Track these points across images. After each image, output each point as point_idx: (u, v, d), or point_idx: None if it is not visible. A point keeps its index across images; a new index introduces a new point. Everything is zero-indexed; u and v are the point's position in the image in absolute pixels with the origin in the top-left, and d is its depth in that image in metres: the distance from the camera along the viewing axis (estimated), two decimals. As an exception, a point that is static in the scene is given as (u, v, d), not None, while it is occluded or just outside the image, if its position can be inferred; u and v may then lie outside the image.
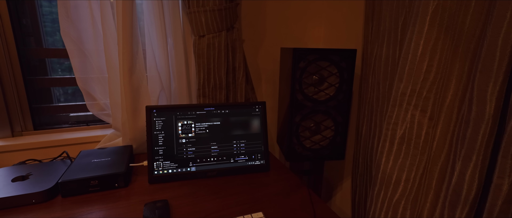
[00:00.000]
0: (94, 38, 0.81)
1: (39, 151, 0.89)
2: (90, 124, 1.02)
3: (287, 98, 0.90)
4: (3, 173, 0.70)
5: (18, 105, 0.90)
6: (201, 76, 0.89)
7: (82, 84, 0.83)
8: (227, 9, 0.85)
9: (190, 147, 0.75)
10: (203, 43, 0.86)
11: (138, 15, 0.84)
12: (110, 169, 0.70)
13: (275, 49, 1.13)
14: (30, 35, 0.93)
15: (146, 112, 0.73)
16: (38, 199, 0.62)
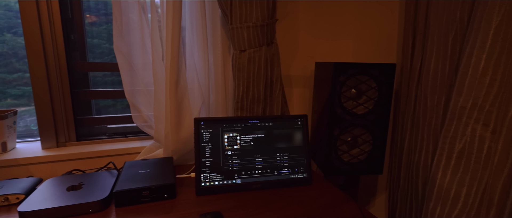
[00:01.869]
0: (142, 54, 0.85)
1: (82, 161, 0.91)
2: (128, 135, 1.04)
3: (324, 112, 0.91)
4: (56, 183, 0.72)
5: (64, 116, 0.93)
6: (240, 89, 0.91)
7: (129, 96, 0.86)
8: (269, 25, 0.88)
9: (236, 159, 0.76)
10: (244, 58, 0.89)
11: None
12: (159, 180, 0.71)
13: (305, 63, 1.14)
14: (76, 50, 0.97)
15: (194, 124, 0.75)
16: (94, 208, 0.63)
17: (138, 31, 0.84)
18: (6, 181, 0.73)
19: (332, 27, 1.14)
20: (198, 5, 0.87)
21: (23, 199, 0.68)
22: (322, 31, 1.13)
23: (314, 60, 1.15)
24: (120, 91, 1.01)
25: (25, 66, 0.98)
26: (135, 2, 0.81)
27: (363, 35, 1.16)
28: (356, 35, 1.18)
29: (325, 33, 1.14)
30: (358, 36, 1.18)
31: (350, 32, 1.17)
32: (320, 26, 1.13)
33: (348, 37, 1.18)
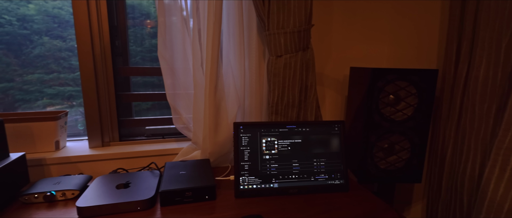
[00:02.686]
0: (183, 60, 0.89)
1: (125, 160, 0.96)
2: (165, 137, 1.09)
3: (360, 117, 0.90)
4: (106, 181, 0.77)
5: (109, 117, 0.99)
6: (276, 94, 0.92)
7: (171, 99, 0.90)
8: (305, 31, 0.88)
9: (273, 164, 0.77)
10: (280, 63, 0.90)
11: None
12: (200, 181, 0.73)
13: (338, 67, 1.13)
14: (119, 55, 1.03)
15: (233, 128, 0.77)
16: (142, 207, 0.67)
17: (180, 38, 0.87)
18: (62, 177, 0.79)
19: (367, 30, 1.13)
20: (236, 12, 0.89)
21: (78, 194, 0.73)
22: (356, 35, 1.12)
23: (347, 64, 1.14)
24: (159, 94, 1.06)
25: (60, 67, 1.05)
26: (178, 12, 0.85)
27: (400, 39, 1.13)
28: (391, 39, 1.15)
29: (359, 37, 1.12)
30: (394, 40, 1.15)
31: (385, 36, 1.15)
32: (354, 29, 1.11)
33: (383, 41, 1.15)
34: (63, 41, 1.03)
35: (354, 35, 1.12)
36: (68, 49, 1.04)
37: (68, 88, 1.07)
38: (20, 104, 1.04)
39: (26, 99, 1.04)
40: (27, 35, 1.00)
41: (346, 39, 1.11)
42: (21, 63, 1.01)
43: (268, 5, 0.85)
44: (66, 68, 1.05)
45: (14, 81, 1.01)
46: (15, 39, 0.99)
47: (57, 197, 0.72)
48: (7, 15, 0.97)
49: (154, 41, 1.06)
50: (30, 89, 1.03)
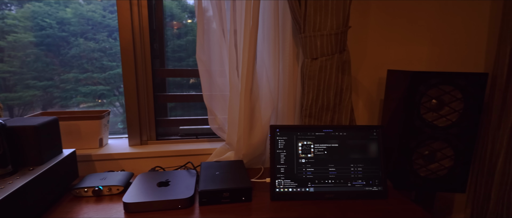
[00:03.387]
0: (219, 62, 0.91)
1: (162, 159, 1.00)
2: (199, 137, 1.12)
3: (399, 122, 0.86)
4: (147, 178, 0.80)
5: (147, 117, 1.04)
6: (310, 97, 0.92)
7: (207, 100, 0.93)
8: (342, 33, 0.87)
9: (309, 168, 0.76)
10: (315, 65, 0.89)
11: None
12: (237, 183, 0.75)
13: (373, 70, 1.10)
14: (157, 58, 1.08)
15: (270, 131, 0.77)
16: (183, 205, 0.69)
17: (217, 42, 0.89)
18: (106, 173, 0.84)
19: (405, 32, 1.08)
20: (271, 14, 0.90)
21: (123, 190, 0.78)
22: (394, 36, 1.08)
23: (382, 66, 1.10)
24: (194, 95, 1.09)
25: (92, 67, 1.11)
26: (216, 15, 0.87)
27: (441, 40, 1.07)
28: (432, 40, 1.10)
29: (397, 38, 1.08)
30: (435, 41, 1.09)
31: (425, 37, 1.10)
32: (392, 30, 1.07)
33: (422, 43, 1.10)
34: (96, 43, 1.10)
35: (391, 37, 1.08)
36: (100, 50, 1.11)
37: (100, 87, 1.14)
38: (57, 102, 1.12)
39: (63, 96, 1.12)
40: (65, 37, 1.07)
41: (382, 40, 1.08)
42: (59, 63, 1.08)
43: (304, 7, 0.85)
44: (98, 68, 1.12)
45: (53, 79, 1.09)
46: (55, 41, 1.06)
47: (104, 192, 0.76)
48: (48, 19, 1.05)
49: (177, 41, 1.10)
50: (66, 87, 1.11)
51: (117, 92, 1.17)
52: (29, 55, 1.05)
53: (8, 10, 1.01)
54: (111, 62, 1.12)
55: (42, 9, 1.03)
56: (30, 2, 1.02)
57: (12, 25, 1.01)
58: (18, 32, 1.02)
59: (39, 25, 1.04)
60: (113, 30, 1.10)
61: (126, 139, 1.11)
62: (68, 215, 0.67)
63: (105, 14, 1.09)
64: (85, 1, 1.06)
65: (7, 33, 1.01)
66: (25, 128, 0.68)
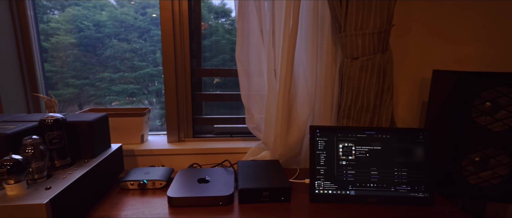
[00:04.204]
0: (257, 62, 0.91)
1: (198, 156, 1.03)
2: (233, 135, 1.13)
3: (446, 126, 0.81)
4: (187, 174, 0.83)
5: (185, 115, 1.07)
6: (349, 97, 0.89)
7: (245, 100, 0.94)
8: (386, 32, 0.83)
9: (350, 170, 0.74)
10: (356, 65, 0.86)
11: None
12: (276, 182, 0.75)
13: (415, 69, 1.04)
14: (194, 57, 1.11)
15: (309, 131, 0.76)
16: (223, 202, 0.71)
17: (255, 42, 0.90)
18: (149, 168, 0.88)
19: (451, 29, 1.02)
20: (310, 14, 0.88)
21: (165, 185, 0.81)
22: (439, 34, 1.02)
23: (426, 66, 1.04)
24: (230, 94, 1.11)
25: (124, 66, 1.16)
26: (255, 16, 0.87)
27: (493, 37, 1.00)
28: (481, 38, 1.02)
29: (442, 36, 1.02)
30: (486, 39, 1.02)
31: (474, 35, 1.02)
32: (437, 28, 1.01)
33: (470, 41, 1.03)
34: (128, 43, 1.15)
35: (436, 34, 1.02)
36: (131, 51, 1.16)
37: (131, 86, 1.19)
38: (92, 99, 1.19)
39: (97, 94, 1.18)
40: (101, 38, 1.14)
41: (426, 39, 1.02)
42: (94, 63, 1.15)
43: (346, 6, 0.83)
44: (129, 68, 1.17)
45: (88, 78, 1.16)
46: (91, 42, 1.13)
47: (148, 185, 0.80)
48: (86, 21, 1.12)
49: (204, 42, 1.12)
50: (101, 86, 1.18)
51: (145, 91, 1.23)
52: (69, 56, 1.13)
53: (52, 14, 1.10)
54: (141, 62, 1.18)
55: (81, 12, 1.11)
56: (70, 6, 1.10)
57: (55, 28, 1.10)
58: (59, 34, 1.10)
59: (78, 28, 1.12)
60: (144, 31, 1.15)
61: (164, 136, 1.15)
62: (117, 206, 0.71)
63: (136, 16, 1.15)
64: (118, 3, 1.12)
65: (51, 35, 1.10)
66: (80, 123, 0.73)
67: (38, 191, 0.55)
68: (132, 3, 1.13)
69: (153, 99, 1.24)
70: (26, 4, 1.00)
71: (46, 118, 0.66)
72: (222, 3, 1.13)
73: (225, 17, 1.15)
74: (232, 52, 1.12)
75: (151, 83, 1.22)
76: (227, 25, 1.15)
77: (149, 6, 1.15)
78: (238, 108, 1.20)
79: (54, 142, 0.66)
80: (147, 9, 1.15)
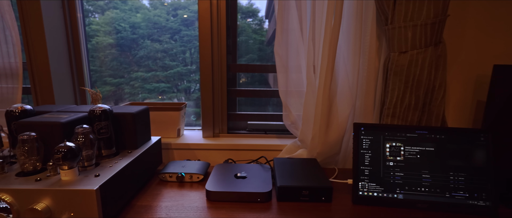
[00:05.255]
0: (296, 57, 0.88)
1: (232, 152, 1.02)
2: (268, 132, 1.12)
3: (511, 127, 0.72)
4: (224, 169, 0.82)
5: (220, 111, 1.08)
6: (395, 94, 0.83)
7: (283, 96, 0.92)
8: (441, 22, 0.76)
9: (398, 172, 0.69)
10: (404, 60, 0.80)
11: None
12: (316, 181, 0.71)
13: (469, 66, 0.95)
14: (230, 53, 1.10)
15: (353, 129, 0.72)
16: (262, 199, 0.69)
17: (294, 36, 0.87)
18: (185, 162, 0.89)
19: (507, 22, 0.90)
20: (353, 6, 0.84)
21: (202, 178, 0.81)
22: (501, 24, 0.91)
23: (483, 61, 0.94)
24: (265, 90, 1.09)
25: (156, 66, 1.19)
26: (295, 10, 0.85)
27: None
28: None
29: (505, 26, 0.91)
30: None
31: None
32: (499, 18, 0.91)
33: (537, 33, 0.91)
34: (160, 44, 1.18)
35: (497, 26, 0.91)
36: (163, 51, 1.19)
37: (162, 84, 1.23)
38: (127, 97, 1.24)
39: (132, 92, 1.23)
40: (136, 39, 1.19)
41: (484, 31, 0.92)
42: (129, 62, 1.20)
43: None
44: (160, 67, 1.21)
45: (124, 77, 1.22)
46: (127, 42, 1.19)
47: (186, 178, 0.80)
48: (123, 23, 1.18)
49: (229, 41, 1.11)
50: (135, 85, 1.23)
51: (175, 90, 1.26)
52: (107, 56, 1.19)
53: (93, 17, 1.17)
54: (172, 61, 1.21)
55: (118, 15, 1.16)
56: (109, 9, 1.16)
57: (95, 29, 1.17)
58: (99, 35, 1.17)
59: (115, 29, 1.18)
60: (175, 32, 1.18)
61: (199, 131, 1.16)
62: (157, 197, 0.72)
63: (168, 18, 1.19)
64: (151, 5, 1.16)
65: (92, 36, 1.16)
66: (125, 115, 0.75)
67: (88, 178, 0.57)
68: (165, 4, 1.17)
69: (182, 97, 1.27)
70: (77, 5, 1.06)
71: (95, 108, 0.68)
72: (250, 3, 1.12)
73: (252, 17, 1.15)
74: (260, 52, 1.12)
75: (180, 82, 1.25)
76: (255, 25, 1.15)
77: (180, 7, 1.19)
78: (267, 105, 1.19)
79: (102, 132, 0.69)
80: (178, 11, 1.19)
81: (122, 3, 1.17)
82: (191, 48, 1.20)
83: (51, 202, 0.52)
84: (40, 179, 0.55)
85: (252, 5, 1.13)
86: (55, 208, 0.53)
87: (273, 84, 1.17)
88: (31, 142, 0.58)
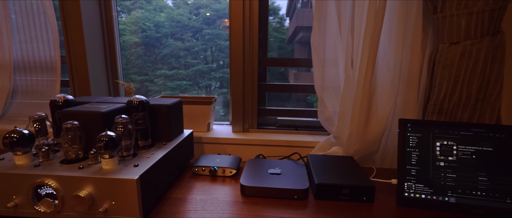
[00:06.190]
0: (333, 51, 0.84)
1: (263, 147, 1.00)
2: (299, 129, 1.08)
3: None
4: (256, 164, 0.80)
5: (250, 105, 1.06)
6: (442, 89, 0.76)
7: (319, 91, 0.88)
8: (501, 9, 0.69)
9: (450, 173, 0.63)
10: (455, 52, 0.73)
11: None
12: (357, 180, 0.67)
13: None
14: (260, 47, 1.08)
15: (399, 125, 0.67)
16: (299, 196, 0.66)
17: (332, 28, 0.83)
18: (217, 156, 0.88)
19: None
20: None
21: (235, 173, 0.79)
22: None
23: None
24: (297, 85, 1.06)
25: (179, 64, 1.20)
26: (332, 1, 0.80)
27: None
28: None
29: None
30: None
31: None
32: None
33: None
34: (182, 42, 1.19)
35: None
36: (185, 49, 1.20)
37: (184, 82, 1.24)
38: (150, 94, 1.26)
39: (155, 90, 1.25)
40: (159, 38, 1.20)
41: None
42: (153, 60, 1.22)
43: (446, -20, 0.70)
44: (183, 65, 1.22)
45: (148, 75, 1.24)
46: (151, 41, 1.21)
47: (218, 172, 0.79)
48: (148, 22, 1.20)
49: None
50: (158, 82, 1.24)
51: (196, 87, 1.27)
52: (132, 54, 1.22)
53: (120, 17, 1.19)
54: (193, 59, 1.22)
55: (144, 15, 1.19)
56: (135, 9, 1.19)
57: (122, 29, 1.19)
58: (125, 34, 1.20)
59: (141, 28, 1.21)
60: (197, 31, 1.19)
61: (228, 125, 1.15)
62: (191, 190, 0.71)
63: (190, 17, 1.19)
64: (175, 4, 1.17)
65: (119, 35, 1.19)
66: (160, 106, 0.75)
67: (127, 167, 0.57)
68: (189, 2, 1.17)
69: (203, 94, 1.27)
70: (112, 5, 1.10)
71: (133, 99, 0.69)
72: (270, 1, 1.09)
73: (273, 15, 1.13)
74: (280, 50, 1.11)
75: (201, 80, 1.26)
76: (275, 23, 1.15)
77: (202, 6, 1.19)
78: (287, 101, 1.17)
79: (139, 123, 0.69)
80: (200, 9, 1.19)
81: (147, 3, 1.20)
82: (212, 47, 1.21)
83: (93, 190, 0.53)
84: (83, 167, 0.56)
85: (273, 3, 1.12)
86: (97, 196, 0.53)
87: (293, 81, 1.17)
88: (74, 130, 0.59)
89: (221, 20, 1.19)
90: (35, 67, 1.11)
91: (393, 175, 0.80)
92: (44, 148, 0.60)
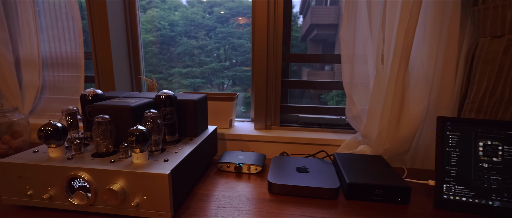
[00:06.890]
0: (363, 46, 0.81)
1: (286, 145, 0.98)
2: (322, 126, 1.05)
3: None
4: (282, 162, 0.79)
5: (273, 102, 1.04)
6: (482, 86, 0.72)
7: (347, 87, 0.85)
8: (553, -1, 0.63)
9: (495, 175, 0.59)
10: (498, 46, 0.68)
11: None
12: (390, 180, 0.64)
13: None
14: (283, 43, 1.05)
15: (437, 123, 0.63)
16: (329, 195, 0.64)
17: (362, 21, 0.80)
18: (241, 152, 0.87)
19: None
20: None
21: (260, 170, 0.78)
22: None
23: None
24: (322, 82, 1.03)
25: (192, 62, 1.20)
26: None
27: None
28: None
29: None
30: None
31: None
32: None
33: None
34: (196, 41, 1.19)
35: None
36: (199, 47, 1.20)
37: (198, 80, 1.24)
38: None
39: (169, 88, 1.25)
40: (174, 36, 1.21)
41: None
42: (167, 59, 1.23)
43: (491, -31, 0.66)
44: (196, 63, 1.22)
45: (162, 73, 1.25)
46: (166, 40, 1.22)
47: (243, 169, 0.78)
48: (162, 21, 1.21)
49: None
50: (173, 80, 1.25)
51: (209, 85, 1.26)
52: (148, 52, 1.23)
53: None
54: (207, 57, 1.21)
55: (159, 14, 1.20)
56: (151, 8, 1.20)
57: None
58: (141, 33, 1.20)
59: (156, 27, 1.22)
60: (210, 29, 1.19)
61: (249, 122, 1.14)
62: (217, 186, 0.70)
63: (204, 15, 1.19)
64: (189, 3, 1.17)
65: None
66: (187, 101, 0.75)
67: (157, 162, 0.56)
68: (204, 0, 1.17)
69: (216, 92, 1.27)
70: (136, 4, 1.11)
71: (161, 94, 0.68)
72: None
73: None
74: (293, 48, 1.08)
75: (214, 77, 1.26)
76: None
77: (216, 4, 1.19)
78: (301, 98, 1.15)
79: (167, 118, 0.69)
80: (214, 8, 1.19)
81: (162, 2, 1.21)
82: (225, 45, 1.21)
83: (125, 184, 0.53)
84: (114, 161, 0.56)
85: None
86: (129, 190, 0.53)
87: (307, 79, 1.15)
88: (106, 124, 0.59)
89: (234, 18, 1.18)
90: (62, 63, 1.14)
91: (427, 176, 0.76)
92: (76, 142, 0.60)
